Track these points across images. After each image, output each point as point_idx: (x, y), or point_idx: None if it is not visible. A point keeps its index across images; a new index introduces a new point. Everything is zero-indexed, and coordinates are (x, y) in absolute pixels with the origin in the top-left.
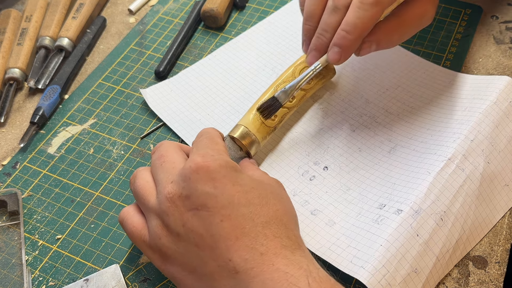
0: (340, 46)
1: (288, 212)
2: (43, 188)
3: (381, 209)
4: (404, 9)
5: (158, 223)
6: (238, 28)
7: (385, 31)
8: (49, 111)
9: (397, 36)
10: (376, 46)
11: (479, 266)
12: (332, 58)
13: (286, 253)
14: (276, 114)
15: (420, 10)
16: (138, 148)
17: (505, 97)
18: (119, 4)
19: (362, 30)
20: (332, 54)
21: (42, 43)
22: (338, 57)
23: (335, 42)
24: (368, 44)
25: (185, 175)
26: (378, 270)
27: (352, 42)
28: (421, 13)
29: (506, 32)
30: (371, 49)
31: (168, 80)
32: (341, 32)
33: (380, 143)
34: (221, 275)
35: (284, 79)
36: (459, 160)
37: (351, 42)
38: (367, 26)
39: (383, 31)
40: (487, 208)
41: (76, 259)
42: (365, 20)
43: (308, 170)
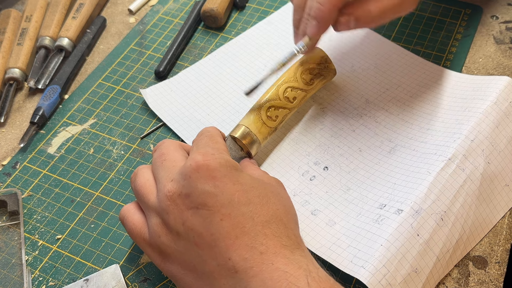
0: (316, 18)
1: (288, 212)
2: (43, 188)
3: (382, 209)
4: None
5: (158, 221)
6: (238, 28)
7: (362, 4)
8: (49, 111)
9: (374, 9)
10: (355, 21)
11: (479, 266)
12: (310, 32)
13: (285, 252)
14: (277, 114)
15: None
16: (138, 148)
17: (505, 97)
18: (119, 4)
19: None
20: (310, 28)
21: (42, 43)
22: (315, 30)
23: (312, 15)
24: (346, 17)
25: (185, 174)
26: (378, 270)
27: (326, 12)
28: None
29: (506, 32)
30: (349, 24)
31: (168, 80)
32: (315, 4)
33: (380, 143)
34: (221, 274)
35: (285, 79)
36: (459, 160)
37: (325, 13)
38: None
39: (361, 4)
40: (487, 208)
41: (76, 259)
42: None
43: (309, 170)
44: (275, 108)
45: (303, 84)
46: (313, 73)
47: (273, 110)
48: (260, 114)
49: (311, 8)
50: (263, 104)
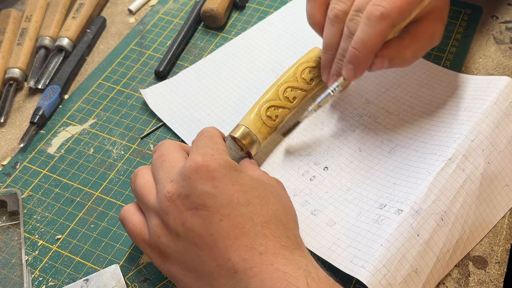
0: (352, 63)
1: (288, 212)
2: (43, 188)
3: (382, 209)
4: (416, 27)
5: (157, 222)
6: (238, 28)
7: (397, 47)
8: (49, 111)
9: (409, 53)
10: (388, 62)
11: (479, 266)
12: (347, 75)
13: (285, 253)
14: (277, 114)
15: (431, 28)
16: (138, 148)
17: (505, 97)
18: (119, 4)
19: (370, 46)
20: (346, 71)
21: (42, 43)
22: (352, 74)
23: (347, 59)
24: (380, 59)
25: (184, 174)
26: (378, 270)
27: (362, 58)
28: (432, 31)
29: (506, 32)
30: (383, 65)
31: (168, 80)
32: (351, 49)
33: (380, 143)
34: (220, 274)
35: (285, 79)
36: (459, 160)
37: (362, 58)
38: (375, 41)
39: (395, 47)
40: (487, 208)
41: (76, 259)
42: (372, 36)
43: (308, 170)
44: (275, 108)
45: (303, 84)
46: (313, 73)
47: (273, 110)
48: (260, 114)
49: (344, 50)
50: (263, 104)
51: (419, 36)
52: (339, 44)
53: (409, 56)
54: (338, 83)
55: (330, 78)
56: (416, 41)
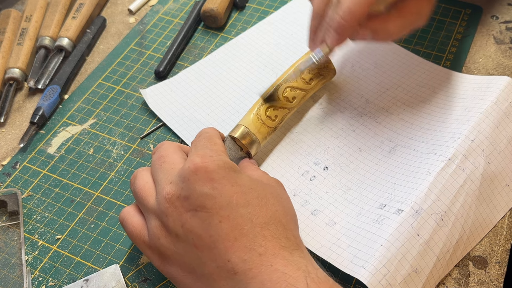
0: (336, 31)
1: (287, 213)
2: (43, 188)
3: (382, 209)
4: (403, 3)
5: (157, 223)
6: (238, 28)
7: (382, 20)
8: (49, 111)
9: (393, 27)
10: (372, 34)
11: (479, 266)
12: (330, 42)
13: (284, 254)
14: (276, 114)
15: (418, 6)
16: (138, 148)
17: (505, 97)
18: (119, 4)
19: (355, 15)
20: (330, 38)
21: (42, 43)
22: (335, 41)
23: (333, 27)
24: (364, 30)
25: (183, 176)
26: (378, 270)
27: (347, 27)
28: (419, 9)
29: (506, 32)
30: (366, 36)
31: (168, 80)
32: (337, 17)
33: (380, 143)
34: (220, 275)
35: (285, 79)
36: (459, 160)
37: (346, 27)
38: (360, 10)
39: (380, 20)
40: (487, 208)
41: (76, 259)
42: (357, 5)
43: (308, 170)
44: (274, 108)
45: (303, 84)
46: (312, 72)
47: (272, 110)
48: (259, 114)
49: (332, 19)
50: (263, 104)
51: (405, 12)
52: (326, 12)
53: (393, 30)
54: (322, 51)
55: (313, 44)
56: (402, 16)
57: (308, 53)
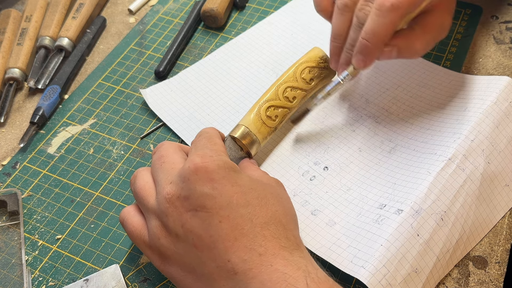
0: (362, 53)
1: (288, 213)
2: (43, 188)
3: (382, 209)
4: (425, 18)
5: (157, 223)
6: (238, 28)
7: (407, 38)
8: (49, 111)
9: (419, 44)
10: (397, 52)
11: (479, 266)
12: (357, 65)
13: (284, 254)
14: (277, 114)
15: (440, 19)
16: (138, 148)
17: (505, 97)
18: (119, 4)
19: (381, 36)
20: (357, 61)
21: (42, 43)
22: (362, 64)
23: (358, 49)
24: (390, 49)
25: (184, 176)
26: (378, 270)
27: (372, 49)
28: (441, 22)
29: (506, 32)
30: (391, 54)
31: (168, 80)
32: (362, 40)
33: (380, 143)
34: (220, 275)
35: (285, 79)
36: (459, 160)
37: (372, 49)
38: (386, 32)
39: (405, 38)
40: (487, 208)
41: (76, 259)
42: (383, 27)
43: (308, 170)
44: (275, 107)
45: (303, 84)
46: (312, 72)
47: (272, 109)
48: (259, 114)
49: (354, 40)
50: (263, 104)
51: (429, 28)
52: (347, 33)
53: (419, 48)
54: (348, 72)
55: (339, 67)
56: (427, 32)
57: (311, 52)
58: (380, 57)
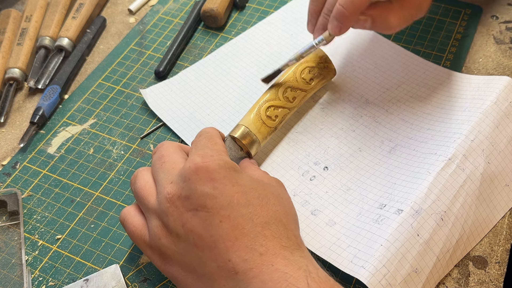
0: (338, 20)
1: (288, 213)
2: (43, 188)
3: (382, 209)
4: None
5: (157, 223)
6: (238, 28)
7: (383, 9)
8: (49, 111)
9: (394, 19)
10: (371, 22)
11: (479, 266)
12: (333, 31)
13: (285, 253)
14: (277, 114)
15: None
16: (138, 148)
17: (505, 97)
18: (119, 4)
19: (357, 5)
20: (332, 27)
21: (42, 43)
22: (337, 30)
23: (334, 15)
24: (364, 18)
25: (184, 176)
26: (378, 270)
27: (348, 16)
28: (420, 1)
29: (506, 32)
30: (366, 24)
31: (168, 80)
32: (338, 6)
33: (380, 143)
34: (221, 275)
35: (284, 79)
36: (459, 160)
37: (347, 16)
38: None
39: (381, 9)
40: (487, 208)
41: (76, 259)
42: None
43: (308, 170)
44: (275, 107)
45: (303, 84)
46: (312, 72)
47: (272, 109)
48: (259, 114)
49: (331, 5)
50: (263, 104)
51: (407, 4)
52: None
53: (393, 22)
54: (323, 37)
55: (315, 31)
56: (404, 8)
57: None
58: (355, 25)
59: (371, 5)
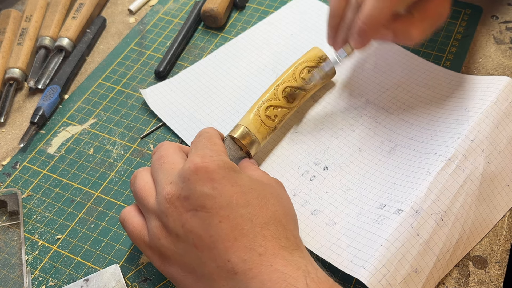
0: (359, 35)
1: (287, 213)
2: (43, 188)
3: (382, 209)
4: (424, 5)
5: (157, 223)
6: (238, 28)
7: (405, 22)
8: (49, 111)
9: (416, 31)
10: (393, 35)
11: (479, 266)
12: (355, 46)
13: (284, 254)
14: (276, 114)
15: (439, 6)
16: (138, 148)
17: (505, 97)
18: (119, 4)
19: (378, 20)
20: (354, 42)
21: (42, 43)
22: (359, 45)
23: (356, 31)
24: (386, 31)
25: (184, 176)
26: (378, 270)
27: (369, 32)
28: (440, 9)
29: (506, 32)
30: (387, 36)
31: (168, 80)
32: (359, 23)
33: (380, 143)
34: (220, 275)
35: (284, 79)
36: (459, 160)
37: (369, 32)
38: (383, 16)
39: (403, 22)
40: (487, 208)
41: (76, 259)
42: (381, 11)
43: (308, 170)
44: (274, 107)
45: (302, 84)
46: (312, 72)
47: (272, 109)
48: (259, 114)
49: (351, 20)
50: (262, 104)
51: (428, 14)
52: (344, 12)
53: (415, 34)
54: (345, 51)
55: (336, 45)
56: (425, 19)
57: (310, 52)
58: (376, 38)
59: (392, 18)
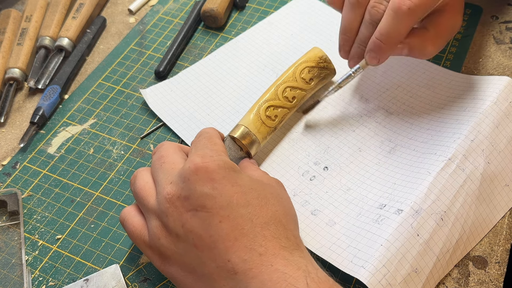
0: (376, 52)
1: (288, 213)
2: (43, 188)
3: (382, 209)
4: (438, 19)
5: (157, 223)
6: (238, 28)
7: (420, 38)
8: (49, 111)
9: (432, 47)
10: (408, 50)
11: (479, 266)
12: (371, 62)
13: (284, 254)
14: (276, 114)
15: (452, 20)
16: (138, 148)
17: (505, 97)
18: (119, 4)
19: (395, 38)
20: (370, 58)
21: (42, 43)
22: (376, 61)
23: (371, 48)
24: (402, 46)
25: (184, 176)
26: (378, 269)
27: (386, 49)
28: (453, 23)
29: (506, 32)
30: (402, 52)
31: (168, 80)
32: (376, 40)
33: (380, 143)
34: (220, 275)
35: (284, 79)
36: (459, 160)
37: (386, 49)
38: (400, 34)
39: (418, 38)
40: (487, 208)
41: (76, 259)
42: (398, 29)
43: (308, 170)
44: (274, 107)
45: (303, 84)
46: (312, 72)
47: (272, 109)
48: (259, 114)
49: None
50: (262, 104)
51: (442, 29)
52: (358, 27)
53: (430, 49)
54: (360, 65)
55: (350, 60)
56: (440, 35)
57: (310, 52)
58: (392, 54)
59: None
